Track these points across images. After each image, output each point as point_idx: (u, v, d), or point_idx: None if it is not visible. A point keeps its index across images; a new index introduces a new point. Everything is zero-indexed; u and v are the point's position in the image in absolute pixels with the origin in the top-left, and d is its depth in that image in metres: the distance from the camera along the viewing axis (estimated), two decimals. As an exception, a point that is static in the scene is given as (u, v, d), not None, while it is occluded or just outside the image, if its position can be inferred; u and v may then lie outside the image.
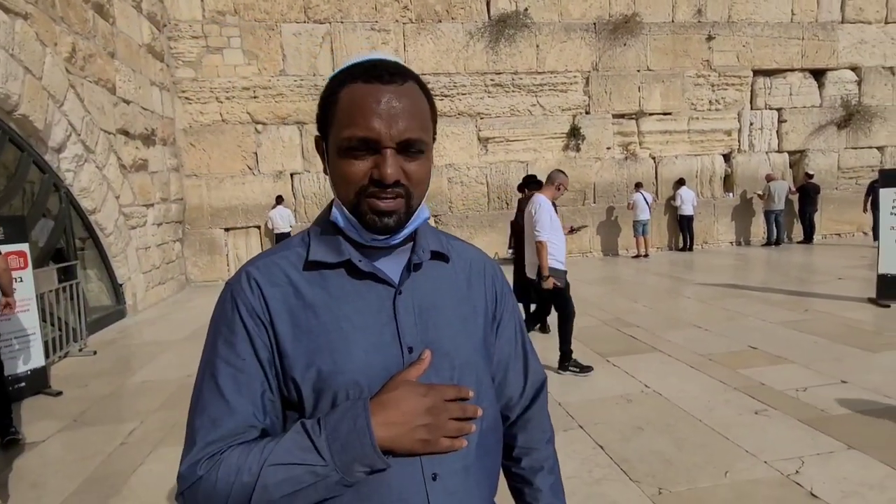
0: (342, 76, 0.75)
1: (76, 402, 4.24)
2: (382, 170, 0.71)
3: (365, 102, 0.71)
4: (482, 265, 0.89)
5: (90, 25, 6.79)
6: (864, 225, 12.47)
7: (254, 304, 0.74)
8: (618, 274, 9.53)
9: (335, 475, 0.67)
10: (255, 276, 0.76)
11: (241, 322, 0.73)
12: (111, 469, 3.10)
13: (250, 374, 0.72)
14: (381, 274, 0.77)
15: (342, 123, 0.72)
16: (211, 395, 0.72)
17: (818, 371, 4.15)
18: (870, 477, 2.64)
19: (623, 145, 11.62)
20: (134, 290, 7.59)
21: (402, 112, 0.72)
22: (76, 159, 6.31)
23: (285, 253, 0.79)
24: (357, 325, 0.74)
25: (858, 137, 12.36)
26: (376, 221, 0.73)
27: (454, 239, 0.90)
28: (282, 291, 0.75)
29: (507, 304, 0.90)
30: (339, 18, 10.26)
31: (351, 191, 0.73)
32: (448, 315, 0.80)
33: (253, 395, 0.72)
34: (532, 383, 0.92)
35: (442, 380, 0.76)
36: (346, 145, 0.72)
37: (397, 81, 0.73)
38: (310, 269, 0.76)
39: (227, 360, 0.73)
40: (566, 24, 11.06)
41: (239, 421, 0.70)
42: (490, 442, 0.82)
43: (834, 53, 12.07)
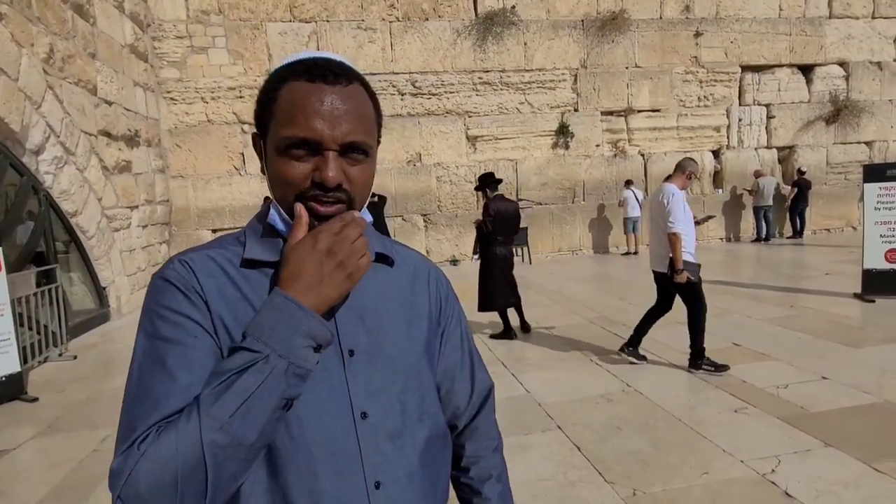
0: (283, 73, 0.72)
1: (51, 408, 4.18)
2: (324, 173, 0.69)
3: (307, 102, 0.69)
4: (426, 270, 0.88)
5: (69, 26, 6.70)
6: (852, 220, 12.51)
7: (192, 283, 0.70)
8: (607, 271, 9.51)
9: (280, 362, 0.62)
10: (188, 263, 0.72)
11: (186, 298, 0.68)
12: (81, 477, 3.05)
13: (203, 349, 0.66)
14: None
15: (282, 122, 0.70)
16: (156, 378, 0.64)
17: (800, 368, 4.14)
18: (845, 475, 2.62)
19: (612, 143, 11.60)
20: (118, 293, 7.51)
21: (347, 114, 0.70)
22: (55, 161, 6.23)
23: (219, 250, 0.75)
24: None
25: (847, 132, 12.39)
26: (314, 226, 0.70)
27: (398, 244, 0.89)
28: (217, 282, 0.71)
29: (453, 311, 0.89)
30: (325, 17, 10.19)
31: (289, 192, 0.71)
32: (391, 318, 0.78)
33: (206, 370, 0.65)
34: (479, 392, 0.91)
35: (387, 384, 0.75)
36: (286, 144, 0.69)
37: (342, 82, 0.71)
38: (246, 266, 0.74)
39: (177, 340, 0.66)
40: (554, 21, 11.02)
41: (190, 396, 0.62)
42: (436, 449, 0.80)
43: (822, 49, 12.09)
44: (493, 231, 5.34)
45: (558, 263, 10.63)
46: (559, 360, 4.71)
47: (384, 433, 0.74)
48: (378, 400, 0.74)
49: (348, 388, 0.72)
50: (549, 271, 9.65)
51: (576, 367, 4.47)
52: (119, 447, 0.61)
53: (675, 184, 4.25)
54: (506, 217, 5.41)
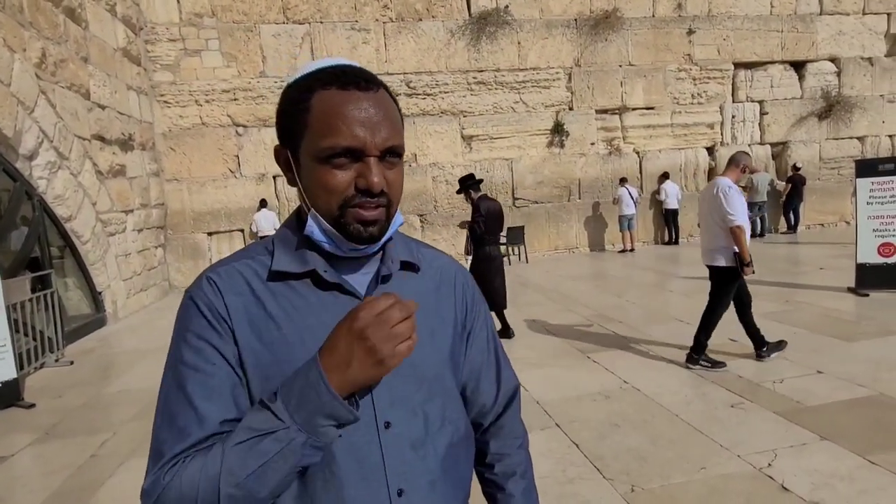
0: (309, 82, 0.72)
1: (49, 413, 4.17)
2: (370, 179, 0.70)
3: (345, 110, 0.69)
4: (452, 274, 0.88)
5: (61, 30, 6.68)
6: (846, 215, 12.59)
7: (217, 306, 0.71)
8: (604, 269, 9.54)
9: (299, 436, 0.63)
10: (216, 282, 0.73)
11: (208, 324, 0.71)
12: (79, 482, 3.05)
13: (221, 377, 0.69)
14: (348, 285, 0.75)
15: (320, 132, 0.70)
16: (179, 404, 0.68)
17: (795, 362, 4.17)
18: (840, 468, 2.64)
19: (607, 140, 11.63)
20: (114, 297, 7.49)
21: (384, 119, 0.71)
22: (49, 166, 6.21)
23: (247, 261, 0.76)
24: (321, 339, 0.69)
25: (839, 128, 12.46)
26: (361, 232, 0.72)
27: (424, 246, 0.89)
28: (243, 301, 0.73)
29: (479, 313, 0.90)
30: (319, 18, 10.18)
31: (334, 202, 0.71)
32: (417, 327, 0.75)
33: (225, 399, 0.69)
34: (505, 391, 0.92)
35: (409, 393, 0.76)
36: (328, 154, 0.70)
37: (373, 88, 0.72)
38: (273, 279, 0.74)
39: (195, 367, 0.69)
40: (547, 20, 11.04)
41: (209, 429, 0.67)
42: (458, 454, 0.81)
43: (813, 45, 12.16)
44: (485, 230, 5.38)
45: (555, 262, 10.65)
46: (557, 357, 4.73)
47: (407, 442, 0.75)
48: (401, 410, 0.75)
49: (372, 399, 0.73)
50: (546, 270, 9.67)
51: (573, 365, 4.49)
52: (150, 468, 0.67)
53: (729, 177, 4.19)
54: (494, 216, 5.48)
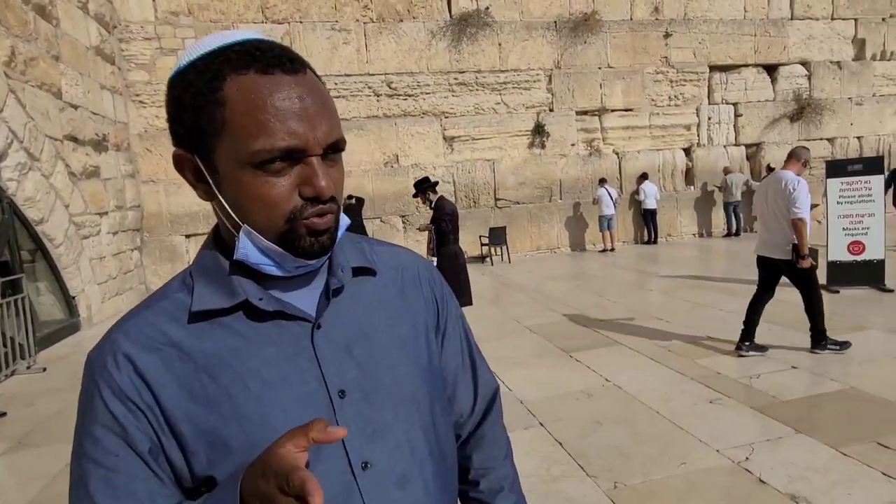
0: (216, 65, 0.57)
1: (21, 422, 4.05)
2: (318, 185, 0.57)
3: (274, 101, 0.55)
4: (415, 270, 0.76)
5: (31, 27, 6.49)
6: (816, 214, 12.94)
7: (122, 384, 0.58)
8: (584, 269, 9.65)
9: None
10: (121, 345, 0.60)
11: (107, 410, 0.58)
12: (54, 492, 2.96)
13: (127, 473, 0.57)
14: (291, 309, 0.63)
15: (246, 132, 0.55)
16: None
17: (771, 358, 4.27)
18: (815, 461, 2.72)
19: (587, 142, 11.77)
20: (88, 301, 7.30)
21: (322, 109, 0.58)
22: (19, 168, 6.03)
23: (161, 304, 0.63)
24: (270, 381, 0.60)
25: (810, 130, 12.82)
26: (312, 244, 0.60)
27: (378, 244, 0.76)
28: (161, 357, 0.59)
29: (451, 310, 0.78)
30: (299, 18, 10.09)
31: (278, 217, 0.58)
32: (383, 342, 0.67)
33: (136, 495, 0.57)
34: (483, 396, 0.82)
35: (388, 422, 0.65)
36: (262, 160, 0.56)
37: (301, 70, 0.58)
38: (196, 320, 0.61)
39: (96, 460, 0.58)
40: (527, 22, 11.13)
41: None
42: (447, 479, 0.71)
43: (785, 49, 12.48)
44: (451, 229, 5.49)
45: (537, 262, 10.74)
46: (540, 357, 4.77)
47: (392, 481, 0.64)
48: (381, 443, 0.64)
49: (343, 438, 0.59)
50: (528, 270, 9.74)
51: (556, 364, 4.53)
52: None
53: (791, 170, 4.26)
54: (455, 215, 5.61)
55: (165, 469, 0.59)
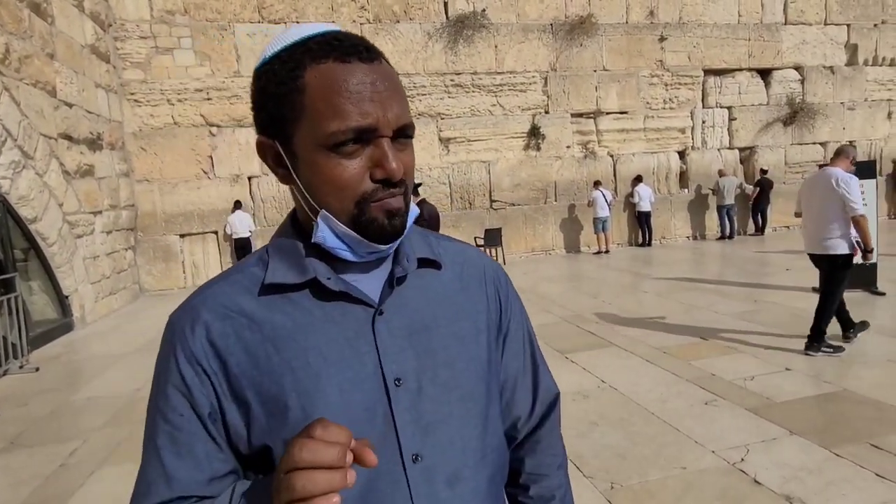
0: (297, 56, 0.60)
1: (13, 422, 4.01)
2: (388, 166, 0.59)
3: (350, 86, 0.58)
4: (481, 269, 0.76)
5: (26, 25, 6.45)
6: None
7: (194, 348, 0.62)
8: (579, 271, 9.68)
9: None
10: (199, 312, 0.63)
11: (178, 371, 0.62)
12: (48, 493, 2.94)
13: (190, 432, 0.61)
14: (356, 292, 0.64)
15: (322, 115, 0.58)
16: (150, 455, 0.62)
17: (765, 360, 4.30)
18: (809, 461, 2.74)
19: (582, 144, 11.82)
20: (81, 301, 7.26)
21: (394, 94, 0.60)
22: (13, 166, 5.99)
23: (238, 276, 0.66)
24: (329, 359, 0.62)
25: (803, 134, 12.93)
26: (385, 227, 0.61)
27: (446, 239, 0.77)
28: (233, 325, 0.62)
29: (514, 311, 0.78)
30: (295, 18, 10.07)
31: (349, 199, 0.60)
32: (443, 335, 0.67)
33: (195, 457, 0.61)
34: (542, 400, 0.80)
35: (440, 417, 0.65)
36: (336, 141, 0.58)
37: (376, 58, 0.61)
38: (267, 293, 0.64)
39: (164, 416, 0.62)
40: (524, 24, 11.17)
41: (176, 488, 0.60)
42: (497, 485, 0.71)
43: (778, 54, 12.59)
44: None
45: (532, 263, 10.76)
46: (535, 358, 4.77)
47: (442, 478, 0.64)
48: (433, 437, 0.64)
49: (395, 426, 0.62)
50: (524, 271, 9.76)
51: (552, 365, 4.45)
52: None
53: (840, 167, 4.28)
54: (434, 219, 5.44)
55: (222, 434, 0.62)
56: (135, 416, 3.98)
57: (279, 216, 10.30)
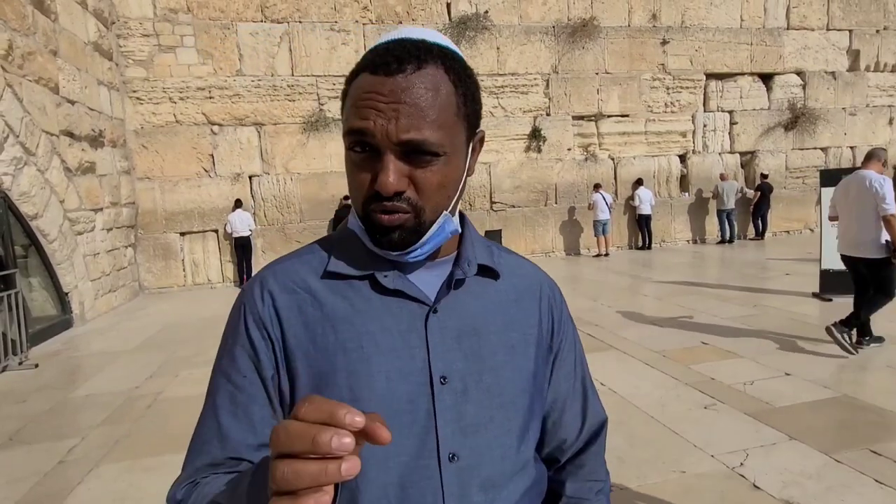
0: (359, 65, 0.65)
1: (12, 419, 4.01)
2: (380, 179, 0.60)
3: (363, 94, 0.61)
4: (538, 285, 0.77)
5: (29, 22, 6.46)
6: (810, 222, 13.08)
7: (262, 313, 0.65)
8: (579, 273, 9.68)
9: None
10: (268, 281, 0.68)
11: (246, 333, 0.65)
12: (46, 490, 2.94)
13: (250, 393, 0.64)
14: (412, 291, 0.66)
15: (345, 119, 0.64)
16: (207, 414, 0.65)
17: (765, 365, 4.30)
18: (808, 466, 2.74)
19: (583, 146, 11.83)
20: (81, 298, 7.25)
21: (407, 107, 0.59)
22: (14, 162, 5.99)
23: (308, 257, 0.70)
24: (381, 347, 0.64)
25: (804, 139, 12.95)
26: (381, 238, 0.63)
27: (506, 252, 0.78)
28: (297, 299, 0.66)
29: (567, 333, 0.79)
30: (298, 18, 10.08)
31: (359, 200, 0.64)
32: (493, 342, 0.68)
33: (250, 420, 0.63)
34: (590, 425, 0.80)
35: (481, 420, 0.65)
36: (348, 144, 0.63)
37: (406, 69, 0.60)
38: (330, 277, 0.68)
39: (228, 376, 0.65)
40: (526, 26, 11.18)
41: (228, 448, 0.62)
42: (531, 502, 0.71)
43: (780, 58, 12.61)
44: None
45: (532, 265, 10.74)
46: (535, 360, 4.77)
47: (476, 481, 0.64)
48: (472, 440, 0.64)
49: (436, 422, 0.63)
50: (523, 273, 9.74)
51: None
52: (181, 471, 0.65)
53: (873, 169, 4.32)
54: None
55: (277, 400, 0.65)
56: (133, 413, 3.98)
57: (280, 215, 10.31)
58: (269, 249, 10.24)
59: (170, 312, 7.83)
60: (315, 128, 10.18)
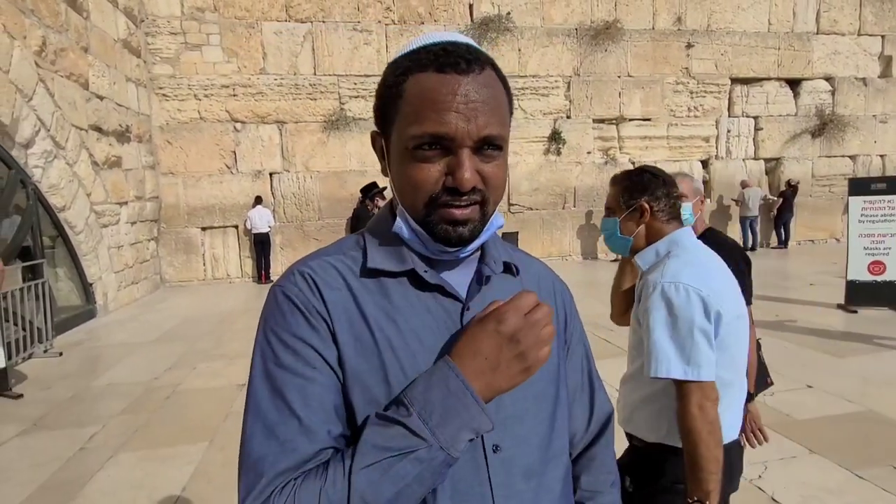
0: (407, 63, 0.64)
1: (37, 405, 4.12)
2: (459, 175, 0.62)
3: (437, 95, 0.61)
4: (551, 283, 0.81)
5: (62, 19, 6.63)
6: (836, 232, 12.76)
7: (315, 303, 0.64)
8: (596, 278, 9.59)
9: (440, 454, 0.57)
10: (311, 276, 0.67)
11: (307, 322, 0.63)
12: (68, 475, 3.01)
13: (323, 384, 0.62)
14: (449, 287, 0.68)
15: (409, 119, 0.62)
16: (278, 413, 0.60)
17: (785, 376, 4.21)
18: (829, 481, 2.68)
19: (603, 150, 11.72)
20: (105, 289, 7.42)
21: (483, 105, 0.62)
22: (45, 155, 6.15)
23: (339, 256, 0.70)
24: (425, 343, 0.65)
25: (832, 146, 12.64)
26: (449, 232, 0.64)
27: (516, 250, 0.82)
28: (341, 296, 0.66)
29: (576, 327, 0.82)
30: (321, 18, 10.18)
31: (420, 200, 0.64)
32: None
33: (327, 409, 0.62)
34: (598, 417, 0.82)
35: (518, 412, 0.68)
36: (415, 144, 0.62)
37: (475, 69, 0.63)
38: (368, 276, 0.68)
39: (294, 371, 0.62)
40: (548, 28, 11.13)
41: (315, 442, 0.60)
42: (568, 492, 0.74)
43: (809, 63, 12.34)
44: None
45: (548, 269, 10.67)
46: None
47: (519, 470, 0.66)
48: (511, 431, 0.67)
49: None
50: (540, 276, 9.69)
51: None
52: (247, 486, 0.58)
53: None
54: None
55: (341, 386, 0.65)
56: (152, 404, 4.06)
57: (299, 213, 10.42)
58: (288, 246, 10.36)
59: (189, 306, 7.96)
60: (335, 127, 10.27)
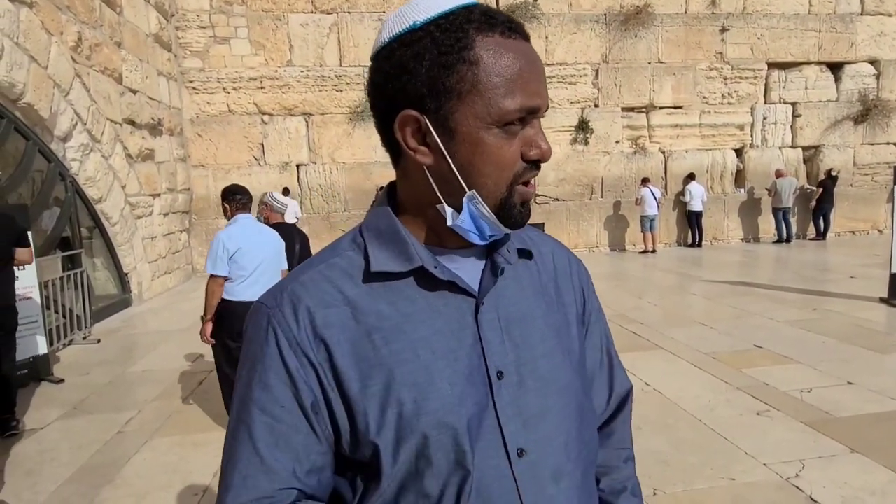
0: (461, 23, 0.56)
1: (77, 389, 4.28)
2: (543, 145, 0.58)
3: (523, 63, 0.57)
4: (566, 260, 0.76)
5: (96, 15, 6.80)
6: (878, 223, 12.23)
7: (299, 337, 0.59)
8: (624, 269, 9.43)
9: None
10: (300, 297, 0.61)
11: (281, 360, 0.59)
12: (106, 458, 3.12)
13: (290, 424, 0.59)
14: (461, 282, 0.63)
15: (498, 91, 0.56)
16: (243, 447, 0.59)
17: (824, 372, 4.06)
18: (871, 482, 2.57)
19: (632, 139, 11.46)
20: (139, 279, 7.64)
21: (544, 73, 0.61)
22: (82, 148, 6.34)
23: (335, 260, 0.63)
24: (438, 351, 0.60)
25: (876, 133, 12.08)
26: (522, 214, 0.61)
27: (529, 228, 0.74)
28: (338, 314, 0.60)
29: (594, 305, 0.78)
30: (347, 9, 10.19)
31: (504, 180, 0.59)
32: (540, 327, 0.66)
33: (293, 449, 0.59)
34: (617, 394, 0.80)
35: (541, 411, 0.63)
36: (509, 119, 0.57)
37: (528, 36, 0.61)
38: (371, 280, 0.62)
39: (263, 407, 0.59)
40: (576, 14, 10.89)
41: (275, 482, 0.58)
42: (593, 482, 0.71)
43: (852, 46, 11.78)
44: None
45: (575, 260, 10.54)
46: (577, 357, 4.68)
47: (547, 473, 0.62)
48: (536, 432, 0.62)
49: (498, 420, 0.61)
50: (566, 268, 9.58)
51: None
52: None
53: None
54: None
55: (325, 426, 0.60)
56: (185, 390, 4.17)
57: (325, 204, 10.52)
58: (314, 237, 10.41)
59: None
60: (361, 118, 10.30)
